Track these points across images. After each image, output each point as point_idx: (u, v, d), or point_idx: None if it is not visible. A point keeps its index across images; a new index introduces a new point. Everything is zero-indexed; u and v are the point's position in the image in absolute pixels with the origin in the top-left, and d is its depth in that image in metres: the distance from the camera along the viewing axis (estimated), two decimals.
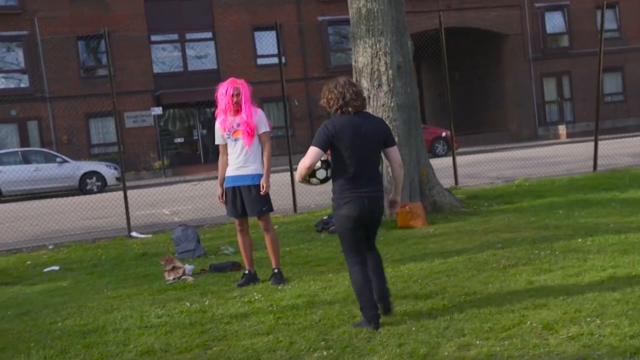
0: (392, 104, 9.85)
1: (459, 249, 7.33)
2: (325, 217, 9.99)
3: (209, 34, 31.21)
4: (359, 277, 4.85)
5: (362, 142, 4.80)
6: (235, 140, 6.52)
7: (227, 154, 6.65)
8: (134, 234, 11.26)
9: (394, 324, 4.85)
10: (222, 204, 6.74)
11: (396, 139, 9.72)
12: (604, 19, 14.31)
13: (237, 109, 6.49)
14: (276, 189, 5.90)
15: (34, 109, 28.57)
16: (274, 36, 30.06)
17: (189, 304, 5.97)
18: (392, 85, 9.85)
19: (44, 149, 24.64)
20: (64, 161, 22.61)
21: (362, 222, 4.87)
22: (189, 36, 31.06)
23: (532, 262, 6.34)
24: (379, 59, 9.85)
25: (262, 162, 6.55)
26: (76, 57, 29.34)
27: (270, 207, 6.58)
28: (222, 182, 6.68)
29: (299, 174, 4.88)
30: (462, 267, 6.44)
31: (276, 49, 29.97)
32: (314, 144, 4.79)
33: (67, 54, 28.90)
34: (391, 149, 5.01)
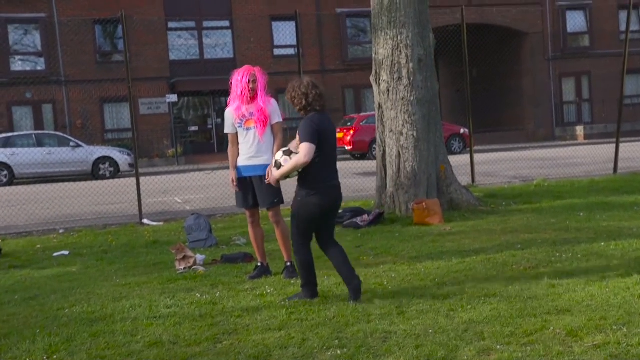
0: (411, 98, 9.65)
1: (477, 249, 7.14)
2: (339, 211, 9.82)
3: (227, 23, 31.05)
4: (309, 257, 5.46)
5: (333, 138, 5.38)
6: (247, 129, 6.34)
7: (236, 144, 6.46)
8: (146, 221, 11.14)
9: (411, 324, 4.68)
10: (235, 190, 6.54)
11: (414, 134, 9.65)
12: (630, 20, 14.01)
13: (253, 97, 6.31)
14: (288, 181, 5.75)
15: (49, 92, 28.54)
16: (292, 27, 30.31)
17: (199, 295, 5.83)
18: (412, 78, 9.65)
19: (58, 133, 24.59)
20: (78, 145, 22.56)
21: (328, 210, 5.40)
22: (206, 24, 30.89)
23: (554, 265, 6.15)
24: (400, 51, 9.65)
25: (273, 153, 6.34)
26: (93, 41, 29.27)
27: (281, 199, 6.38)
28: (234, 167, 6.48)
29: (288, 170, 5.29)
30: (481, 268, 6.26)
31: (292, 40, 30.25)
32: (308, 140, 5.17)
33: (84, 38, 28.82)
34: None
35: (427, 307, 5.07)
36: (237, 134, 6.44)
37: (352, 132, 25.37)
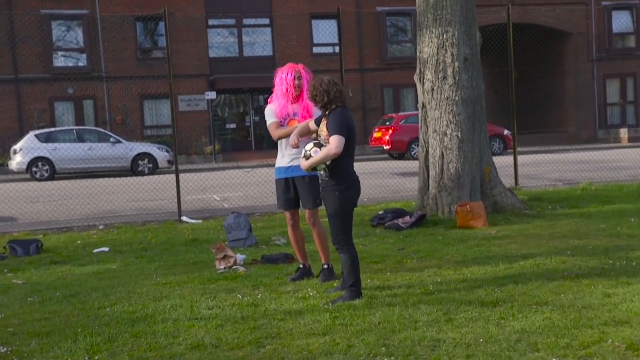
0: (456, 98, 9.44)
1: (525, 254, 6.91)
2: (381, 212, 9.67)
3: (267, 21, 31.04)
4: (356, 254, 5.54)
5: (355, 133, 5.51)
6: None
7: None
8: (185, 218, 11.11)
9: (460, 332, 4.51)
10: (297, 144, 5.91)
11: (459, 135, 9.43)
12: None
13: (298, 95, 6.17)
14: None
15: (91, 88, 28.86)
16: (331, 25, 30.17)
17: (240, 297, 5.72)
18: (457, 78, 9.44)
19: (98, 129, 24.84)
20: (118, 141, 22.73)
21: (356, 203, 5.60)
22: (246, 22, 30.92)
23: (608, 274, 5.90)
24: (446, 50, 9.45)
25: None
26: (134, 38, 29.51)
27: (321, 202, 6.12)
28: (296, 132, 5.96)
29: (318, 161, 5.35)
30: (530, 274, 6.04)
31: (332, 38, 30.09)
32: (338, 133, 5.32)
33: (126, 35, 29.08)
34: None
35: (477, 315, 4.89)
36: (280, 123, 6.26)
37: (391, 131, 25.14)
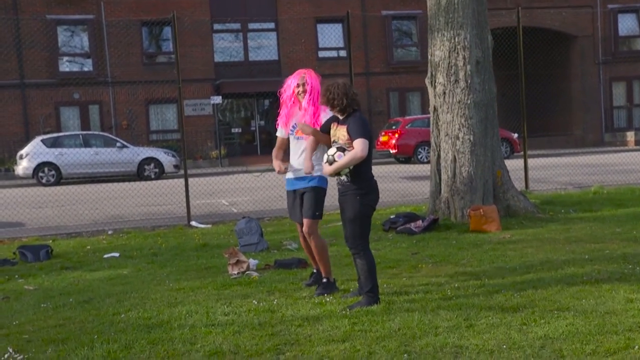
0: (468, 101, 9.37)
1: (541, 259, 6.83)
2: (392, 216, 9.59)
3: (272, 25, 30.99)
4: (373, 259, 5.42)
5: (372, 137, 5.39)
6: (298, 138, 5.90)
7: (282, 148, 6.12)
8: (194, 223, 11.05)
9: (482, 338, 4.43)
10: (284, 173, 5.97)
11: (471, 138, 9.36)
12: None
13: (308, 102, 5.76)
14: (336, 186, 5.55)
15: (96, 93, 28.84)
16: (336, 29, 30.16)
17: (256, 302, 5.65)
18: (469, 81, 9.37)
19: (104, 133, 24.79)
20: (124, 146, 22.69)
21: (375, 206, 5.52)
22: (251, 26, 30.88)
23: (628, 278, 5.82)
24: (457, 53, 9.38)
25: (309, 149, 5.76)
26: (139, 42, 29.48)
27: (321, 215, 5.92)
28: (277, 157, 6.05)
29: (343, 164, 5.23)
30: (549, 279, 5.96)
31: (337, 42, 30.05)
32: (362, 136, 5.22)
33: (131, 40, 29.05)
34: None
35: (497, 321, 4.81)
36: (287, 139, 6.09)
37: (397, 135, 25.06)
